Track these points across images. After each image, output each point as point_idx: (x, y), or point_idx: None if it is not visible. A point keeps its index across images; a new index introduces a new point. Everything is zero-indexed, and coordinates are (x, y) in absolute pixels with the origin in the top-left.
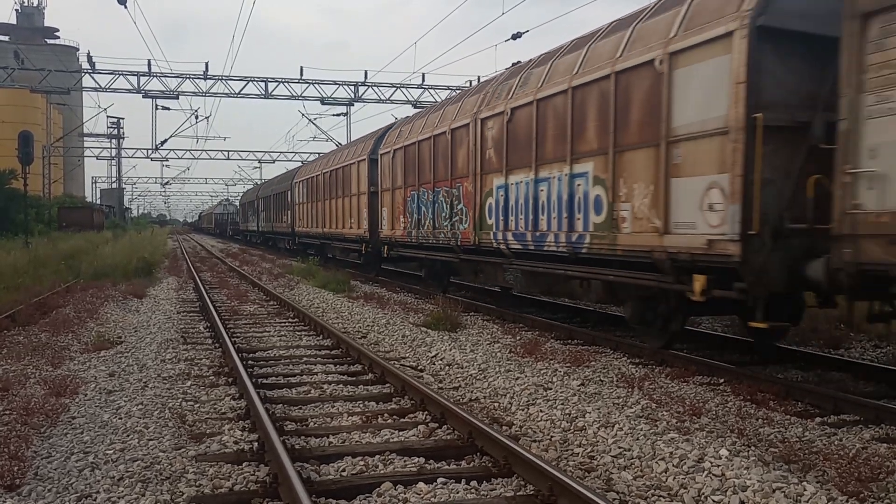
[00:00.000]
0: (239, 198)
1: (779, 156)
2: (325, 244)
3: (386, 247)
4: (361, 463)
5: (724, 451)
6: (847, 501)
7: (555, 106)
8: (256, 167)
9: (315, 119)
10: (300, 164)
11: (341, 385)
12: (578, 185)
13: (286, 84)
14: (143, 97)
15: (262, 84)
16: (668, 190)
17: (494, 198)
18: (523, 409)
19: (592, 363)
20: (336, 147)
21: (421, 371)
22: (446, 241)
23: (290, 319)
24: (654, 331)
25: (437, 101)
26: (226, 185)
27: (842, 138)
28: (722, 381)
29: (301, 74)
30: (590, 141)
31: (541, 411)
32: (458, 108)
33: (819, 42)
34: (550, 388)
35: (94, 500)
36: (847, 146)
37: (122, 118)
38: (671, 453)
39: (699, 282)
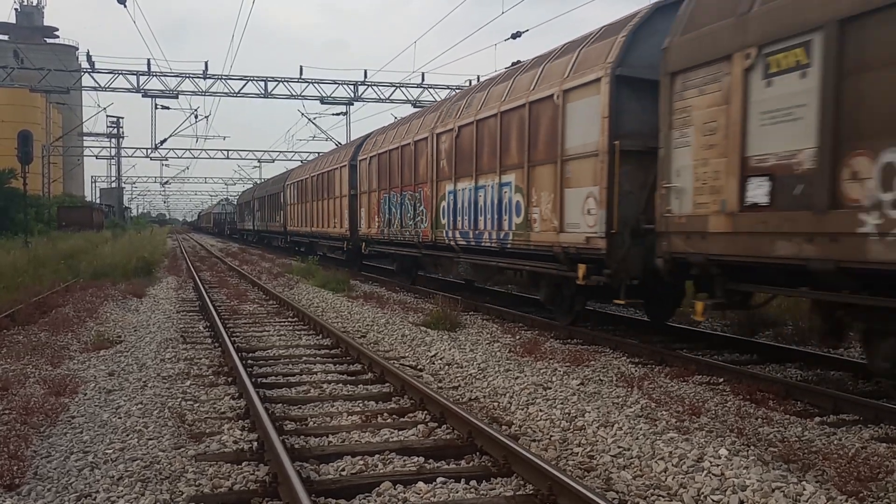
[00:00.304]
0: (237, 198)
1: (634, 173)
2: (313, 242)
3: (364, 244)
4: (361, 462)
5: (723, 451)
6: (846, 501)
7: (489, 126)
8: (256, 166)
9: (315, 118)
10: (300, 162)
11: (341, 384)
12: (505, 192)
13: (286, 83)
14: (143, 96)
15: (262, 83)
16: (563, 197)
17: (447, 201)
18: (523, 409)
19: (592, 363)
20: (335, 146)
21: (420, 370)
22: (411, 238)
23: (289, 319)
24: (562, 310)
25: (435, 101)
26: (225, 184)
27: (660, 162)
28: (721, 380)
29: (300, 74)
30: (513, 156)
31: (540, 411)
32: (421, 123)
33: None
34: (550, 388)
35: (94, 499)
36: (663, 168)
37: (122, 117)
38: (670, 453)
39: (581, 269)
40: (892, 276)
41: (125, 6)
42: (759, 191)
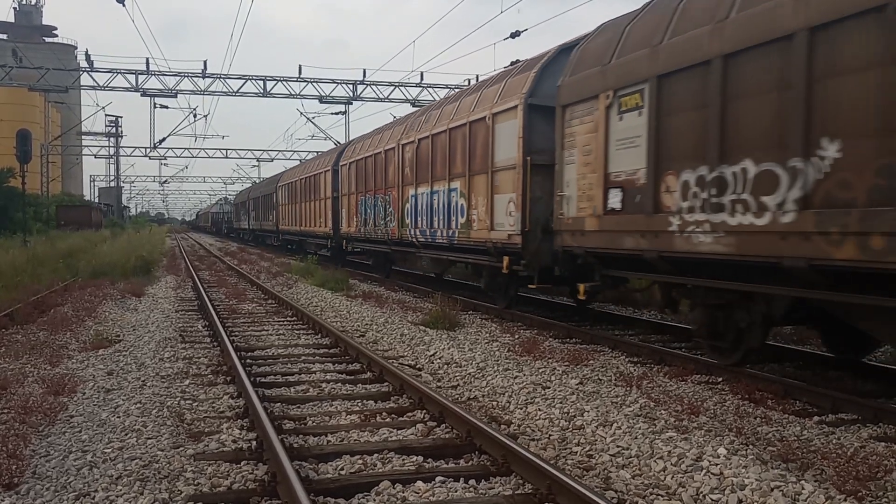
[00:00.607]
0: (234, 198)
1: (543, 182)
2: (302, 240)
3: (345, 241)
4: (360, 461)
5: (722, 450)
6: (845, 500)
7: (441, 140)
8: (255, 165)
9: (313, 118)
10: (298, 161)
11: (340, 384)
12: (453, 196)
13: (284, 83)
14: (142, 96)
15: (261, 82)
16: (493, 202)
17: (410, 203)
18: (522, 408)
19: (591, 362)
20: (334, 145)
21: (419, 370)
22: (383, 236)
23: (288, 318)
24: (500, 296)
25: (435, 100)
26: (224, 183)
27: (556, 175)
28: (720, 379)
29: (299, 73)
30: (458, 166)
31: (539, 410)
32: (391, 134)
33: None
34: (549, 387)
35: (93, 498)
36: (557, 179)
37: (121, 116)
38: (669, 452)
39: (505, 260)
40: (693, 262)
41: (124, 5)
42: (615, 199)
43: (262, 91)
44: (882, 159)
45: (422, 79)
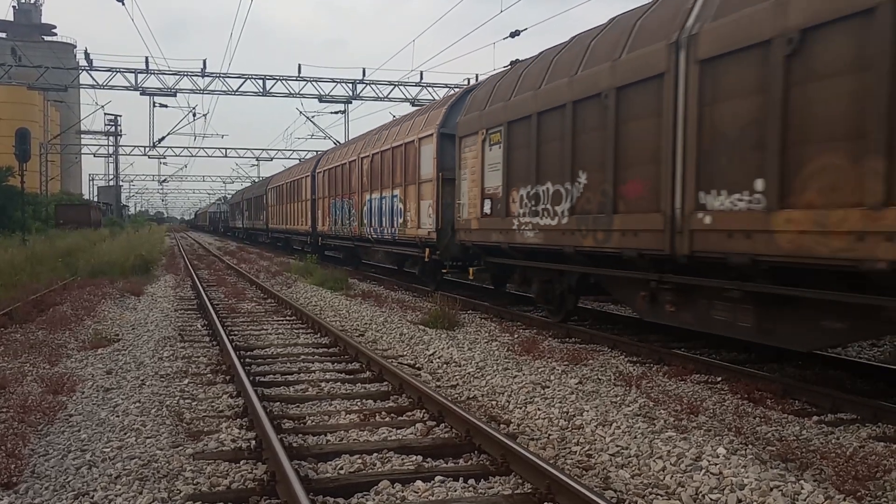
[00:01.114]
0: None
1: (451, 192)
2: (288, 237)
3: (320, 238)
4: (359, 461)
5: (721, 450)
6: (844, 500)
7: (387, 155)
8: (254, 165)
9: (313, 117)
10: (298, 161)
11: (339, 383)
12: (395, 201)
13: (284, 82)
14: (141, 94)
15: (260, 81)
16: (420, 206)
17: (367, 206)
18: (521, 408)
19: (590, 361)
20: (333, 144)
21: (419, 369)
22: (349, 233)
23: (287, 317)
24: (431, 280)
25: (434, 99)
26: (223, 182)
27: (456, 187)
28: (720, 379)
29: (299, 72)
30: (398, 177)
31: (538, 409)
32: (354, 148)
33: None
34: (548, 387)
35: (92, 497)
36: (457, 191)
37: (120, 115)
38: (669, 452)
39: (426, 252)
40: (529, 250)
41: (123, 4)
42: (487, 206)
43: (261, 90)
44: (603, 185)
45: (421, 78)
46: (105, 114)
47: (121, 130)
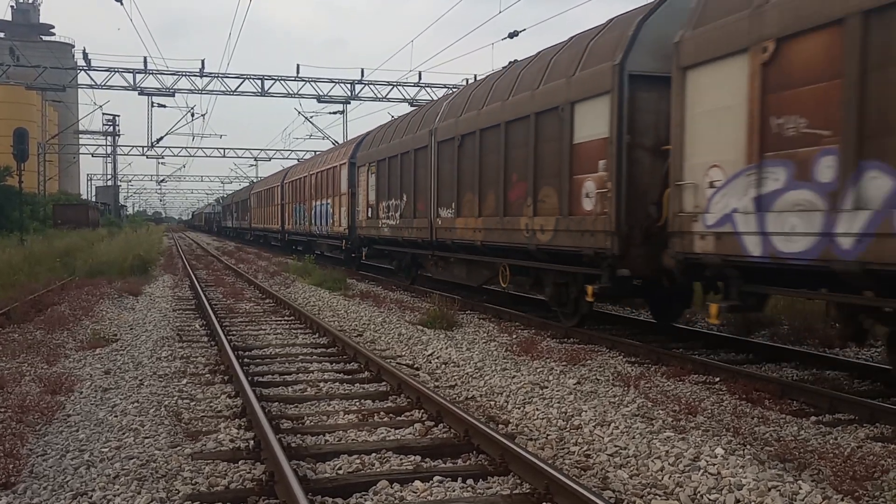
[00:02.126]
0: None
1: (355, 203)
2: (266, 235)
3: (287, 235)
4: (358, 461)
5: (719, 450)
6: (842, 500)
7: (325, 174)
8: (252, 165)
9: (311, 117)
10: (296, 161)
11: (337, 383)
12: (328, 207)
13: (282, 82)
14: (139, 94)
15: (259, 82)
16: (340, 211)
17: (314, 210)
18: (519, 408)
19: (588, 362)
20: (332, 144)
21: (417, 369)
22: (305, 231)
23: (285, 317)
24: (350, 263)
25: (432, 99)
26: (222, 182)
27: (357, 199)
28: (718, 379)
29: (297, 72)
30: (330, 191)
31: (537, 410)
32: (308, 166)
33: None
34: (546, 387)
35: (90, 497)
36: (358, 201)
37: (118, 115)
38: (667, 452)
39: (343, 243)
40: (389, 241)
41: (122, 3)
42: (370, 212)
43: (259, 90)
44: (411, 202)
45: (420, 78)
46: (103, 114)
47: (119, 130)
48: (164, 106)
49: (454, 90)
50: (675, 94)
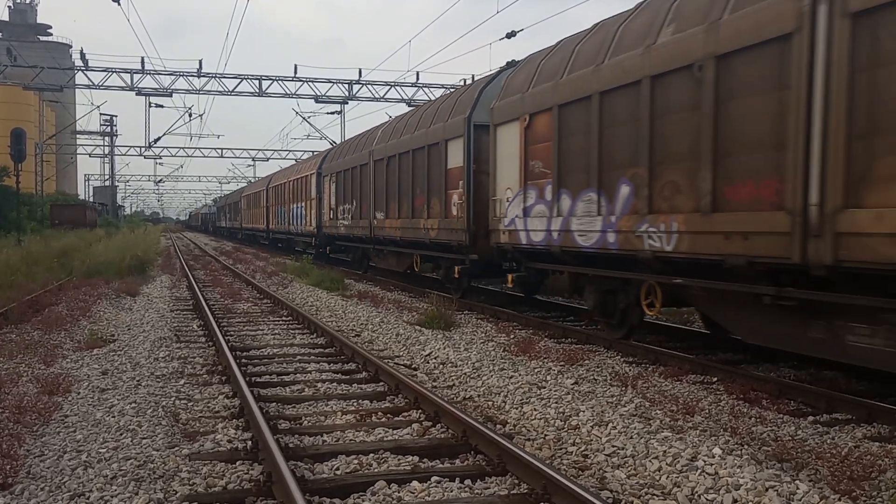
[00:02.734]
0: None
1: (321, 205)
2: (254, 234)
3: (271, 233)
4: (355, 461)
5: (717, 450)
6: (839, 500)
7: (298, 181)
8: (250, 165)
9: (309, 117)
10: (294, 161)
11: (335, 384)
12: (302, 209)
13: (280, 82)
14: (137, 95)
15: (256, 82)
16: (310, 213)
17: (292, 212)
18: (517, 408)
19: (586, 362)
20: (330, 145)
21: (415, 370)
22: (285, 230)
23: (283, 318)
24: (319, 257)
25: (430, 99)
26: (219, 182)
27: (321, 204)
28: (715, 379)
29: (295, 72)
30: (303, 196)
31: (535, 410)
32: (286, 174)
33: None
34: (544, 387)
35: (88, 498)
36: (321, 206)
37: (116, 116)
38: (665, 452)
39: (312, 239)
40: (343, 236)
41: (119, 4)
42: (332, 214)
43: (257, 90)
44: (362, 208)
45: (418, 78)
46: (101, 114)
47: (116, 131)
48: (161, 106)
49: (391, 119)
50: (491, 141)
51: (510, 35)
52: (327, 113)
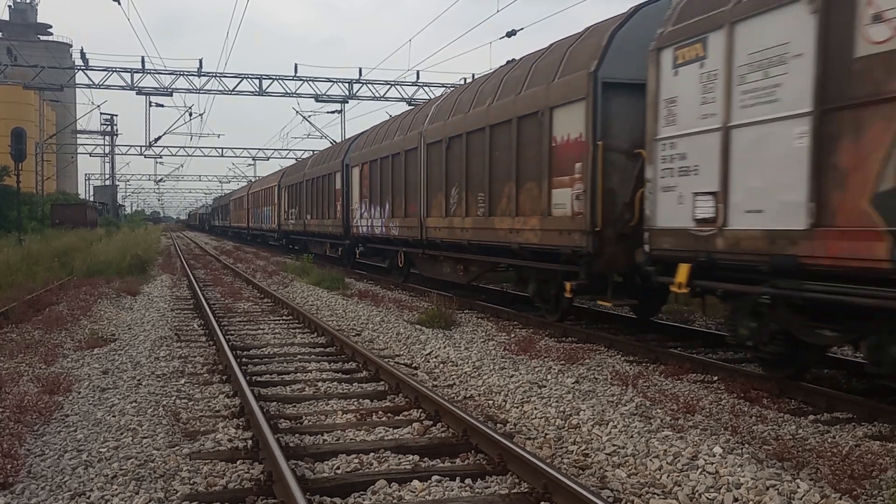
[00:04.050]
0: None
1: (280, 210)
2: (240, 232)
3: (251, 231)
4: (356, 461)
5: (717, 449)
6: (840, 499)
7: (266, 191)
8: (251, 164)
9: (309, 116)
10: (294, 160)
11: (336, 383)
12: (269, 212)
13: (280, 81)
14: (137, 94)
15: (257, 81)
16: (277, 214)
17: (264, 214)
18: (518, 407)
19: (587, 361)
20: (330, 144)
21: (415, 369)
22: (260, 228)
23: (284, 317)
24: (284, 249)
25: (430, 98)
26: (220, 182)
27: (278, 208)
28: (716, 378)
29: (295, 71)
30: (273, 201)
31: (535, 409)
32: (263, 182)
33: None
34: (545, 386)
35: (88, 498)
36: (279, 210)
37: (116, 115)
38: (665, 451)
39: (276, 234)
40: (293, 231)
41: (119, 3)
42: (286, 216)
43: (257, 90)
44: (301, 212)
45: (418, 77)
46: (101, 113)
47: (117, 130)
48: (161, 105)
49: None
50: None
51: (510, 34)
52: (328, 112)
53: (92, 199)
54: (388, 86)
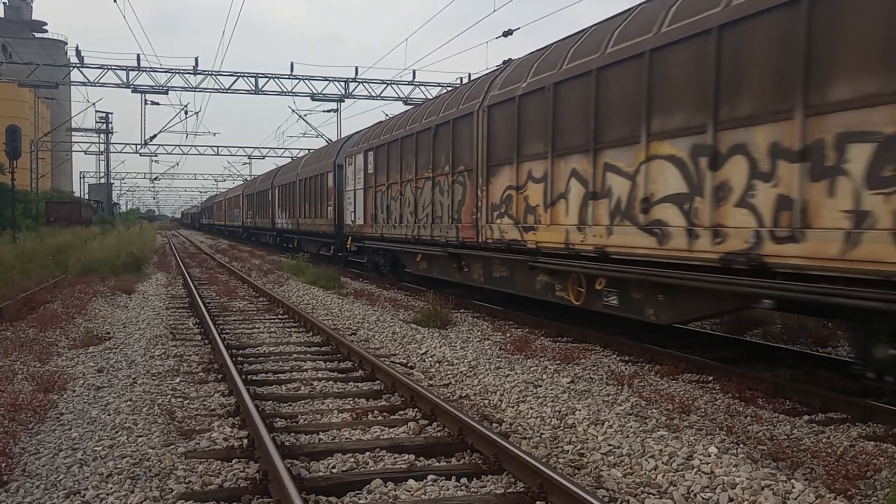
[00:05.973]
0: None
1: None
2: (229, 231)
3: (226, 227)
4: (352, 460)
5: (713, 449)
6: (835, 499)
7: (237, 196)
8: (246, 163)
9: (305, 115)
10: (290, 159)
11: (331, 382)
12: (237, 213)
13: (276, 80)
14: (132, 92)
15: (253, 79)
16: (241, 215)
17: (233, 214)
18: (513, 407)
19: (582, 360)
20: (326, 143)
21: (411, 368)
22: (232, 225)
23: (279, 316)
24: (245, 240)
25: (427, 98)
26: (215, 180)
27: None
28: (711, 378)
29: (291, 70)
30: (238, 204)
31: (531, 408)
32: (236, 189)
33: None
34: (540, 386)
35: (83, 496)
36: (241, 212)
37: (111, 113)
38: (661, 451)
39: (241, 230)
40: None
41: (115, 0)
42: (256, 216)
43: (253, 88)
44: (257, 211)
45: (414, 77)
46: (96, 111)
47: (112, 128)
48: (157, 103)
49: (282, 165)
50: None
51: (507, 33)
52: (324, 111)
53: (87, 197)
54: (385, 85)
